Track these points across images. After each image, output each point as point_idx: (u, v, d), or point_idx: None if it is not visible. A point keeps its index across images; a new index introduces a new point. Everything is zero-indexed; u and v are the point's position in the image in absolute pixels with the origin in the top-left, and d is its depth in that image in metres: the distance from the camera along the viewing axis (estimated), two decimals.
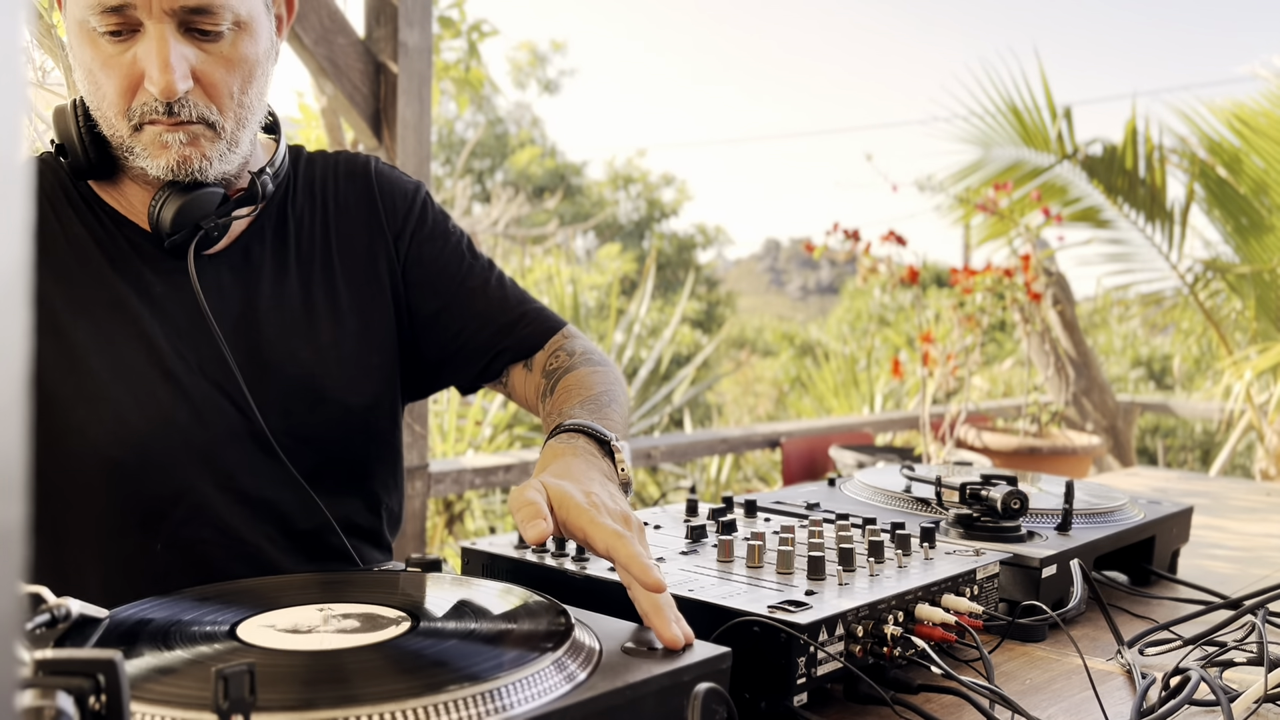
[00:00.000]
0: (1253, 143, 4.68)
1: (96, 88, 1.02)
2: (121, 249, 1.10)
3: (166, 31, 0.99)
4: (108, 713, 0.48)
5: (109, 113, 1.03)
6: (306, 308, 1.17)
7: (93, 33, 1.00)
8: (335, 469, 1.17)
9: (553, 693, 0.63)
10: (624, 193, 20.23)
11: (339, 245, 1.21)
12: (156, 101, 1.01)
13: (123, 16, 0.98)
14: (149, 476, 1.06)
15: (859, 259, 3.71)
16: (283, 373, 1.13)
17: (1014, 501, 1.10)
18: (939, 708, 0.84)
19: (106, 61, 1.00)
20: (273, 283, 1.16)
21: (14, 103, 0.34)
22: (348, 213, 1.23)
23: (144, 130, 1.03)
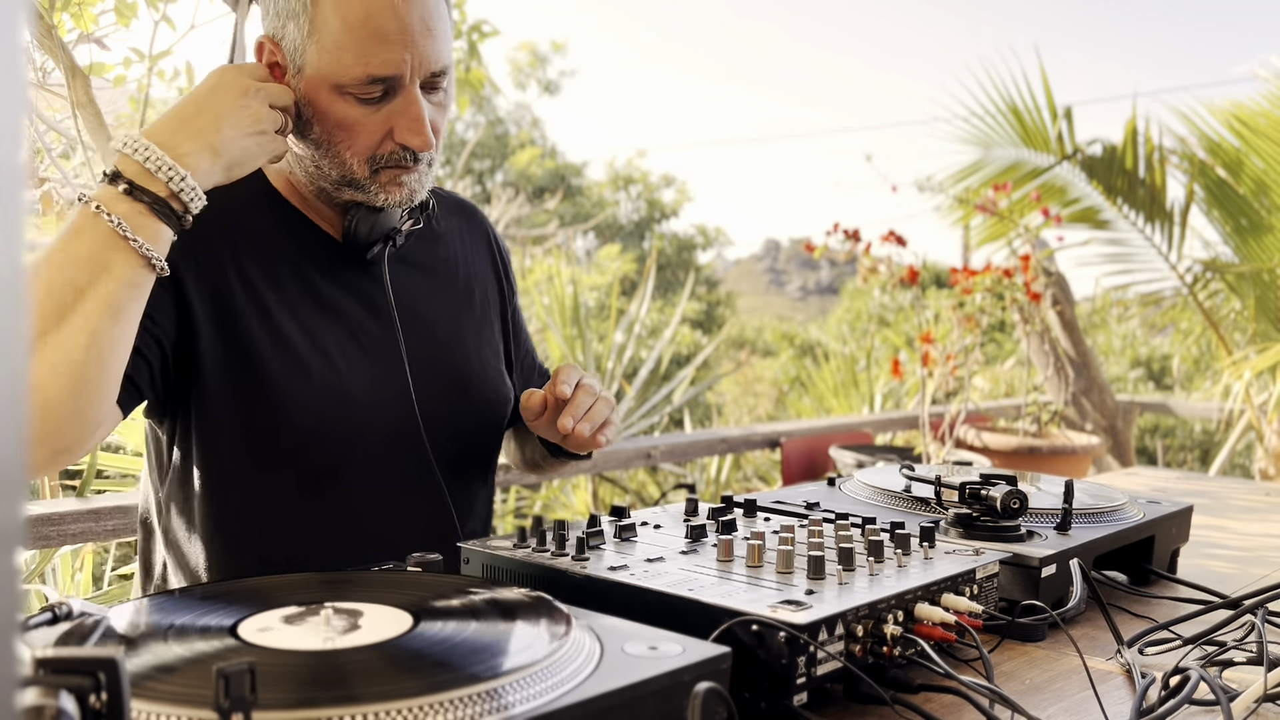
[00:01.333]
0: (1252, 143, 4.68)
1: (344, 138, 1.17)
2: (312, 252, 1.26)
3: (419, 95, 1.16)
4: (109, 711, 0.48)
5: (351, 159, 1.19)
6: (455, 315, 1.36)
7: (347, 95, 1.15)
8: (471, 462, 1.35)
9: (552, 693, 0.63)
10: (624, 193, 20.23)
11: (473, 270, 1.42)
12: (405, 152, 1.18)
13: (383, 85, 1.15)
14: (325, 446, 1.21)
15: (859, 259, 3.71)
16: (440, 367, 1.30)
17: (1013, 501, 1.10)
18: (939, 707, 0.84)
19: (360, 119, 1.16)
20: (429, 288, 1.35)
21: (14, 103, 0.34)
22: (476, 248, 1.45)
23: (382, 173, 1.20)
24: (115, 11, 2.45)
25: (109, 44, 2.51)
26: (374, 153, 1.18)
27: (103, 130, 2.36)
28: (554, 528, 1.03)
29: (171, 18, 2.49)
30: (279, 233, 1.25)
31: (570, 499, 4.46)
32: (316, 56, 1.14)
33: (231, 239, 1.21)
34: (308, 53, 1.14)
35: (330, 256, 1.27)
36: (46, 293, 0.97)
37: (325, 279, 1.26)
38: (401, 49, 1.12)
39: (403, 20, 1.12)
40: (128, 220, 1.00)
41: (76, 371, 0.98)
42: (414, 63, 1.14)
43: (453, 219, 1.44)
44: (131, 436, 2.53)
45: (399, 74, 1.13)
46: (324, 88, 1.15)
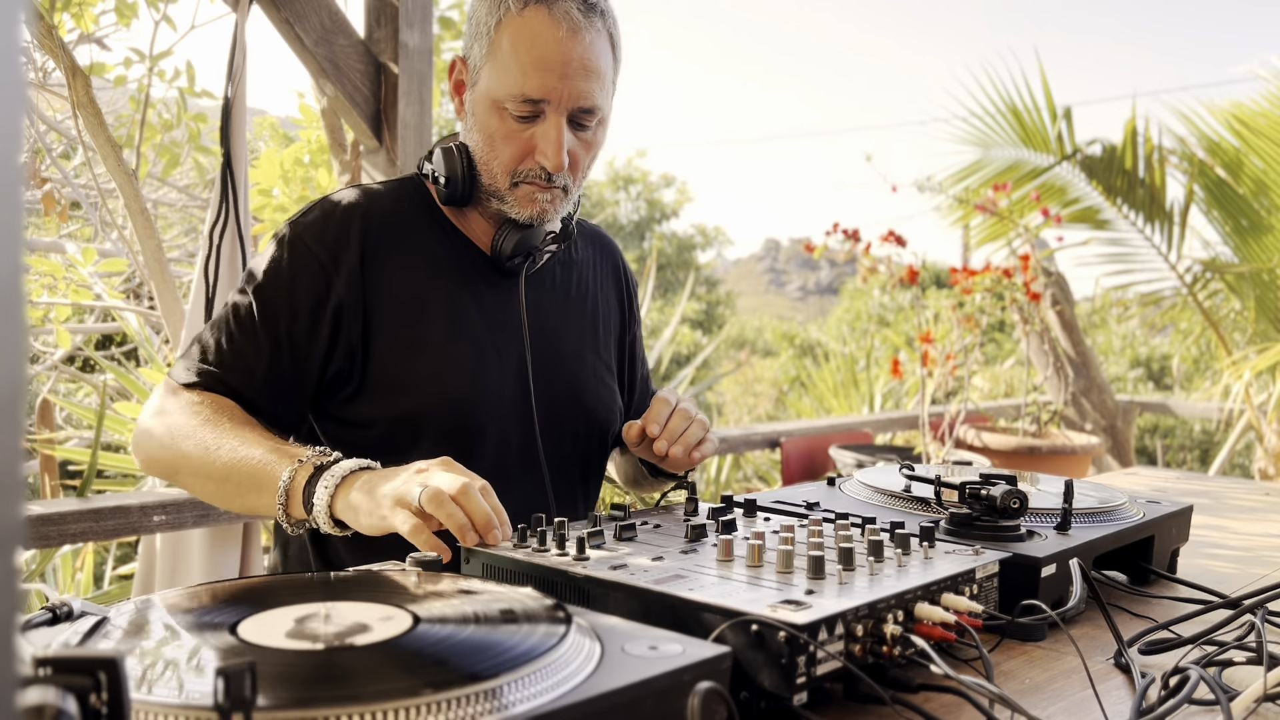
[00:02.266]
0: (1252, 143, 4.68)
1: (492, 149, 1.34)
2: (463, 263, 1.42)
3: (562, 123, 1.31)
4: (109, 711, 0.48)
5: (496, 169, 1.35)
6: (579, 333, 1.52)
7: (503, 110, 1.31)
8: (577, 465, 1.49)
9: (553, 692, 0.63)
10: (624, 193, 20.22)
11: (600, 296, 1.58)
12: (541, 170, 1.33)
13: (534, 107, 1.30)
14: (453, 437, 1.34)
15: (859, 259, 3.71)
16: (558, 377, 1.46)
17: (1013, 501, 1.10)
18: (939, 707, 0.84)
19: (510, 134, 1.32)
20: (560, 307, 1.50)
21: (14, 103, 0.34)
22: (605, 277, 1.61)
23: (520, 187, 1.35)
24: (115, 12, 2.45)
25: (109, 44, 2.51)
26: (515, 166, 1.34)
27: (103, 130, 2.36)
28: (554, 528, 1.03)
29: (172, 18, 2.49)
30: (437, 245, 1.42)
31: None
32: (489, 74, 1.32)
33: (394, 254, 1.38)
34: (483, 70, 1.33)
35: (478, 269, 1.43)
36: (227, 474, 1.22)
37: (472, 288, 1.41)
38: (556, 78, 1.28)
39: (565, 55, 1.28)
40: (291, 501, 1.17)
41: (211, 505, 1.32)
42: (564, 93, 1.29)
43: (589, 249, 1.60)
44: (132, 437, 2.53)
45: (548, 99, 1.29)
46: (487, 102, 1.32)
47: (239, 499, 1.24)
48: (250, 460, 1.20)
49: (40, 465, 2.79)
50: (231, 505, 1.28)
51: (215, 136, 2.27)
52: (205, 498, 1.30)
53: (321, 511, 1.14)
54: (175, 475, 1.30)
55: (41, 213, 2.73)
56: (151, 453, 1.31)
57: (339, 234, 1.35)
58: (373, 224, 1.38)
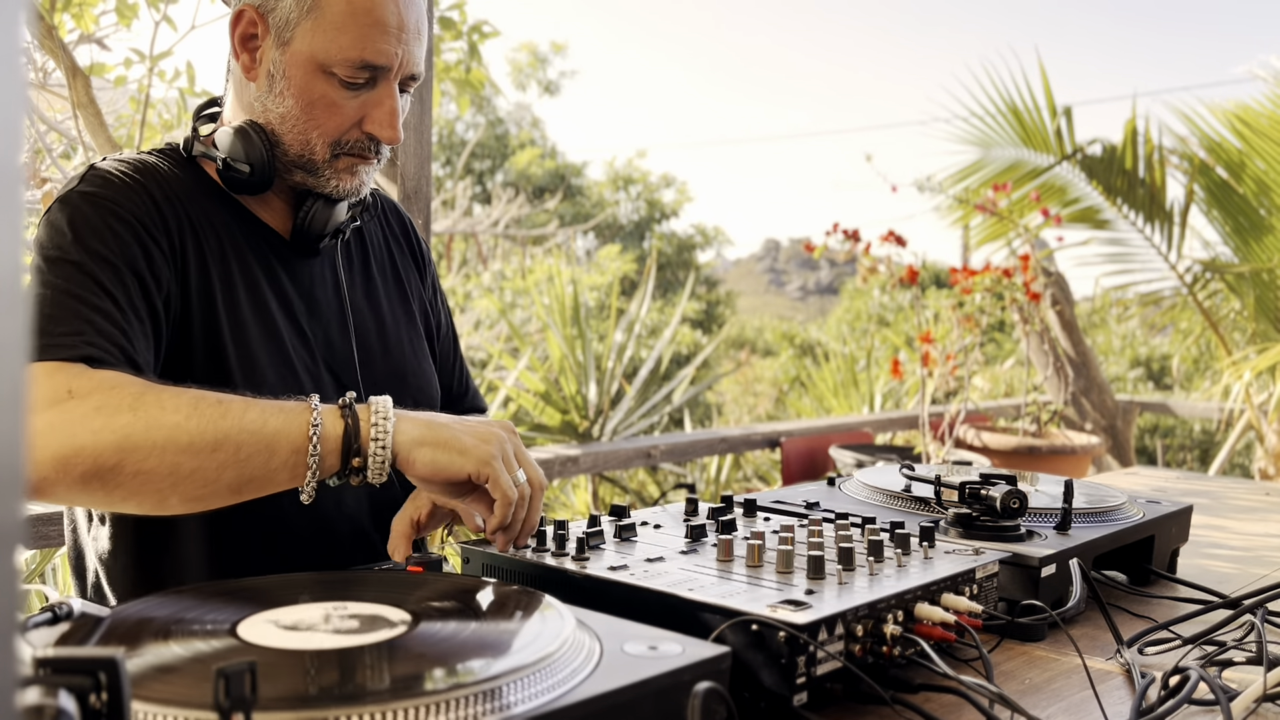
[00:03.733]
0: (1254, 143, 4.68)
1: (312, 117, 1.19)
2: (259, 246, 1.25)
3: (396, 92, 1.20)
4: (109, 711, 0.48)
5: (315, 139, 1.20)
6: (390, 308, 1.37)
7: (330, 75, 1.16)
8: None
9: (552, 692, 0.63)
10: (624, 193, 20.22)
11: (399, 263, 1.44)
12: (369, 142, 1.21)
13: (370, 74, 1.17)
14: None
15: (859, 259, 3.71)
16: (378, 360, 1.32)
17: (1013, 501, 1.10)
18: (939, 707, 0.84)
19: (336, 101, 1.18)
20: (364, 283, 1.36)
21: (14, 103, 0.34)
22: (399, 241, 1.46)
23: (340, 159, 1.21)
24: (116, 12, 2.45)
25: (110, 44, 2.51)
26: (340, 137, 1.20)
27: (103, 131, 2.36)
28: (554, 528, 1.03)
29: (172, 18, 2.49)
30: (230, 226, 1.24)
31: (570, 499, 4.46)
32: (311, 34, 1.16)
33: (193, 227, 1.20)
34: (301, 28, 1.16)
35: (277, 251, 1.26)
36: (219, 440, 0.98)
37: (273, 272, 1.25)
38: (396, 43, 1.17)
39: (401, 18, 1.17)
40: (324, 447, 1.00)
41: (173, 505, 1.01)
42: (402, 59, 1.18)
43: (390, 219, 1.47)
44: None
45: (388, 65, 1.17)
46: (310, 65, 1.17)
47: (239, 472, 0.99)
48: (258, 420, 0.99)
49: None
50: (218, 487, 1.00)
51: None
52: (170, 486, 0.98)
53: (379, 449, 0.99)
54: (115, 471, 0.95)
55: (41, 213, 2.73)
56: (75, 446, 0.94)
57: (137, 192, 1.15)
58: (167, 189, 1.19)
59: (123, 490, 0.97)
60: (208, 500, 1.01)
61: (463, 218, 10.13)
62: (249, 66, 1.21)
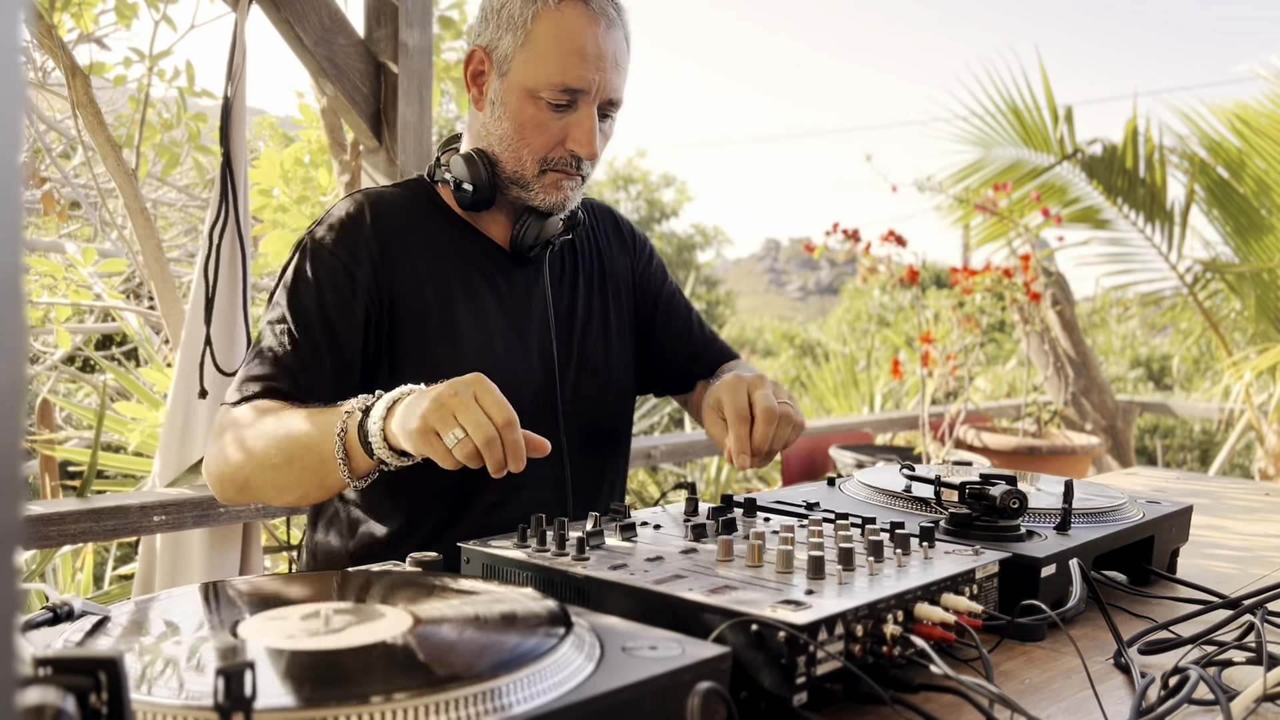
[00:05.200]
0: (1254, 143, 4.68)
1: (524, 137, 1.38)
2: (480, 256, 1.46)
3: (594, 113, 1.37)
4: (109, 711, 0.48)
5: (526, 157, 1.39)
6: (592, 309, 1.56)
7: (539, 100, 1.36)
8: (603, 438, 1.55)
9: (553, 692, 0.63)
10: (624, 193, 20.22)
11: (609, 269, 1.61)
12: (572, 159, 1.39)
13: (571, 96, 1.35)
14: None
15: (859, 259, 3.71)
16: (583, 362, 1.51)
17: (1013, 501, 1.10)
18: (939, 707, 0.84)
19: (543, 122, 1.37)
20: (570, 288, 1.55)
21: (14, 103, 0.34)
22: (612, 247, 1.64)
23: (547, 174, 1.40)
24: (115, 11, 2.45)
25: (109, 44, 2.51)
26: (546, 154, 1.38)
27: (103, 130, 2.36)
28: (554, 527, 1.03)
29: (172, 18, 2.49)
30: (452, 242, 1.45)
31: None
32: (524, 64, 1.35)
33: (410, 250, 1.42)
34: (516, 60, 1.36)
35: (495, 261, 1.47)
36: (288, 456, 1.23)
37: (490, 280, 1.45)
38: (594, 70, 1.34)
39: (600, 49, 1.35)
40: (351, 452, 1.18)
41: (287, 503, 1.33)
42: (599, 85, 1.35)
43: (598, 224, 1.65)
44: (132, 437, 2.53)
45: (586, 89, 1.34)
46: (522, 91, 1.36)
47: (311, 477, 1.23)
48: (305, 435, 1.21)
49: (40, 465, 2.79)
50: (307, 489, 1.26)
51: (215, 136, 2.27)
52: (281, 494, 1.28)
53: (378, 444, 1.15)
54: (247, 486, 1.29)
55: (41, 213, 2.73)
56: (221, 471, 1.30)
57: (354, 232, 1.39)
58: (385, 221, 1.41)
59: (259, 494, 1.29)
60: (310, 495, 1.28)
61: None
62: (478, 98, 1.42)
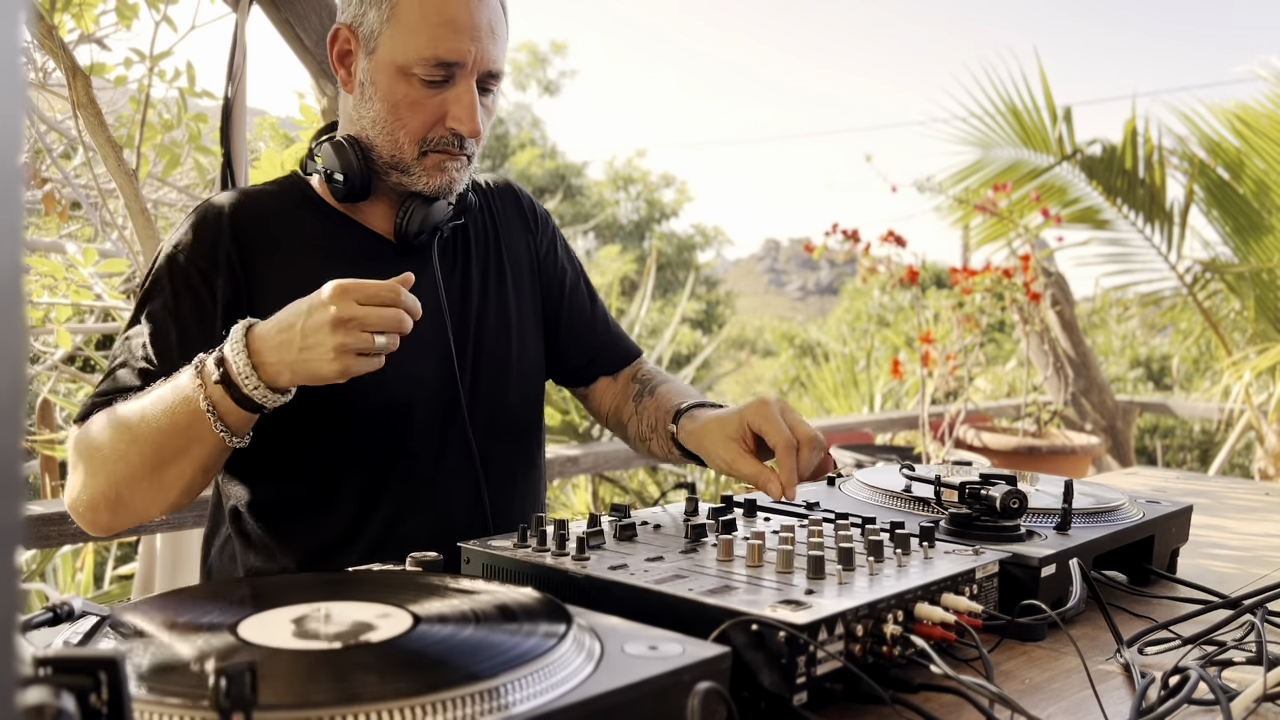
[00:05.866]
0: (1254, 143, 4.68)
1: (398, 118, 1.28)
2: (360, 250, 1.36)
3: (474, 87, 1.28)
4: (109, 711, 0.48)
5: (403, 139, 1.29)
6: (498, 302, 1.45)
7: (411, 76, 1.26)
8: (514, 439, 1.45)
9: (553, 692, 0.63)
10: (624, 193, 20.23)
11: (508, 252, 1.50)
12: (453, 137, 1.29)
13: (446, 71, 1.26)
14: (379, 429, 1.32)
15: (858, 259, 3.71)
16: (485, 354, 1.41)
17: (1013, 501, 1.10)
18: (939, 707, 0.84)
19: (418, 100, 1.27)
20: (462, 277, 1.43)
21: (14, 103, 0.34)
22: (511, 227, 1.53)
23: (428, 156, 1.30)
24: (116, 12, 2.45)
25: (110, 44, 2.51)
26: (425, 135, 1.29)
27: (103, 130, 2.36)
28: (554, 527, 1.03)
29: (172, 18, 2.49)
30: (327, 237, 1.35)
31: (570, 499, 4.46)
32: (391, 40, 1.26)
33: (277, 251, 1.32)
34: (383, 36, 1.27)
35: (378, 254, 1.36)
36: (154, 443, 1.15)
37: (376, 275, 1.27)
38: (469, 41, 1.25)
39: (473, 18, 1.26)
40: (218, 405, 1.12)
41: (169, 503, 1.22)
42: (476, 56, 1.26)
43: (495, 203, 1.53)
44: None
45: (462, 61, 1.25)
46: (392, 68, 1.26)
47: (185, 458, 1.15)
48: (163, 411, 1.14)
49: (40, 465, 2.78)
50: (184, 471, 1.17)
51: (215, 136, 2.27)
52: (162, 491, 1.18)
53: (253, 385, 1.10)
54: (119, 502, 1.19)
55: (42, 213, 2.73)
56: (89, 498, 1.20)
57: (212, 237, 1.29)
58: (246, 223, 1.31)
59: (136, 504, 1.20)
60: (193, 480, 1.19)
61: None
62: (346, 80, 1.33)
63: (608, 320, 1.62)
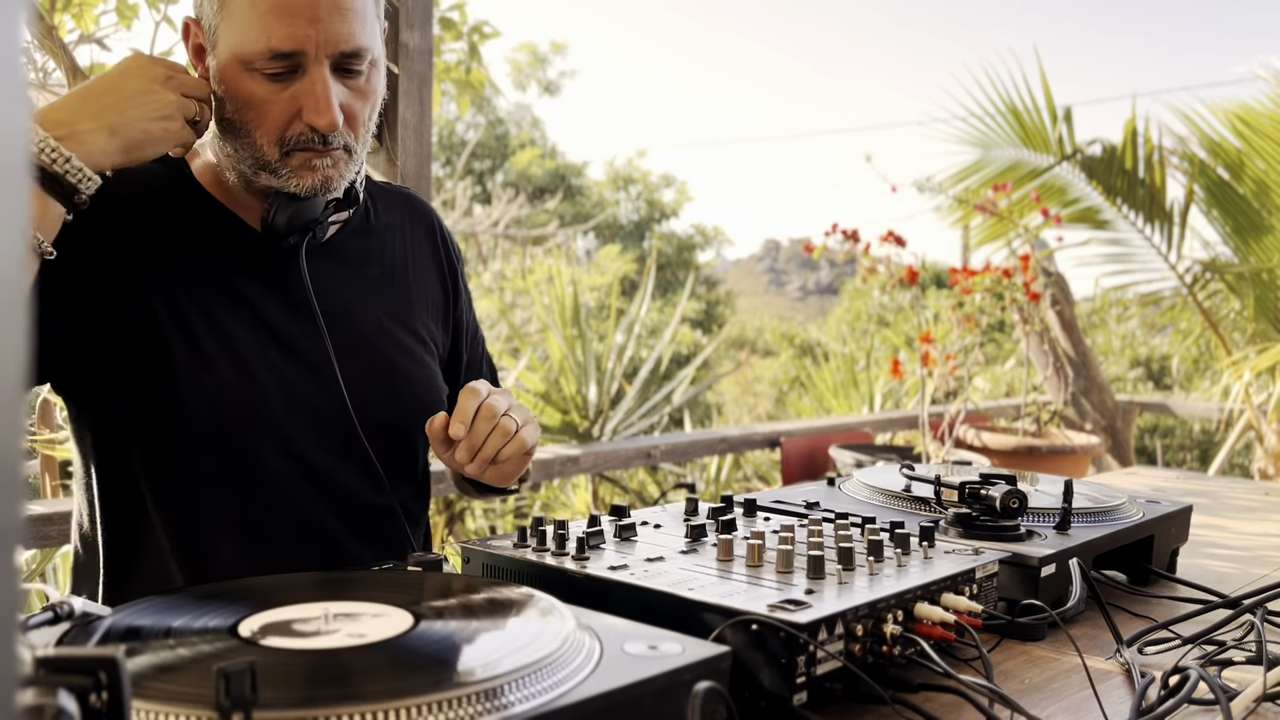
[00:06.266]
0: (1254, 143, 4.68)
1: (248, 117, 1.15)
2: (231, 245, 1.23)
3: (326, 74, 1.13)
4: (109, 711, 0.48)
5: (261, 140, 1.16)
6: (388, 312, 1.31)
7: (254, 72, 1.13)
8: (401, 456, 1.30)
9: (552, 692, 0.63)
10: (624, 193, 20.23)
11: (409, 263, 1.37)
12: (313, 133, 1.14)
13: (289, 61, 1.12)
14: (243, 444, 1.17)
15: (858, 259, 3.71)
16: (365, 366, 1.26)
17: (1013, 501, 1.10)
18: (938, 707, 0.84)
19: (268, 97, 1.13)
20: (358, 284, 1.30)
21: (14, 103, 0.34)
22: (419, 244, 1.41)
23: (293, 155, 1.16)
24: (116, 12, 2.45)
25: (110, 45, 2.50)
26: (283, 134, 1.15)
27: None
28: (554, 527, 1.03)
29: (172, 18, 2.49)
30: (197, 225, 1.22)
31: (570, 499, 4.46)
32: (227, 33, 1.13)
33: (145, 229, 1.19)
34: (220, 30, 1.14)
35: (250, 250, 1.23)
36: None
37: (243, 273, 1.22)
38: (305, 24, 1.10)
39: None
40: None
41: None
42: (319, 40, 1.11)
43: (395, 213, 1.40)
44: None
45: (301, 49, 1.11)
46: (234, 65, 1.13)
47: None
48: None
49: (40, 465, 2.78)
50: None
51: None
52: None
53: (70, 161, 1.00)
54: None
55: None
56: None
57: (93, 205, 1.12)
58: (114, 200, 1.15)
59: None
60: None
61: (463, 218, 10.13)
62: (204, 78, 1.18)
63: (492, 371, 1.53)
